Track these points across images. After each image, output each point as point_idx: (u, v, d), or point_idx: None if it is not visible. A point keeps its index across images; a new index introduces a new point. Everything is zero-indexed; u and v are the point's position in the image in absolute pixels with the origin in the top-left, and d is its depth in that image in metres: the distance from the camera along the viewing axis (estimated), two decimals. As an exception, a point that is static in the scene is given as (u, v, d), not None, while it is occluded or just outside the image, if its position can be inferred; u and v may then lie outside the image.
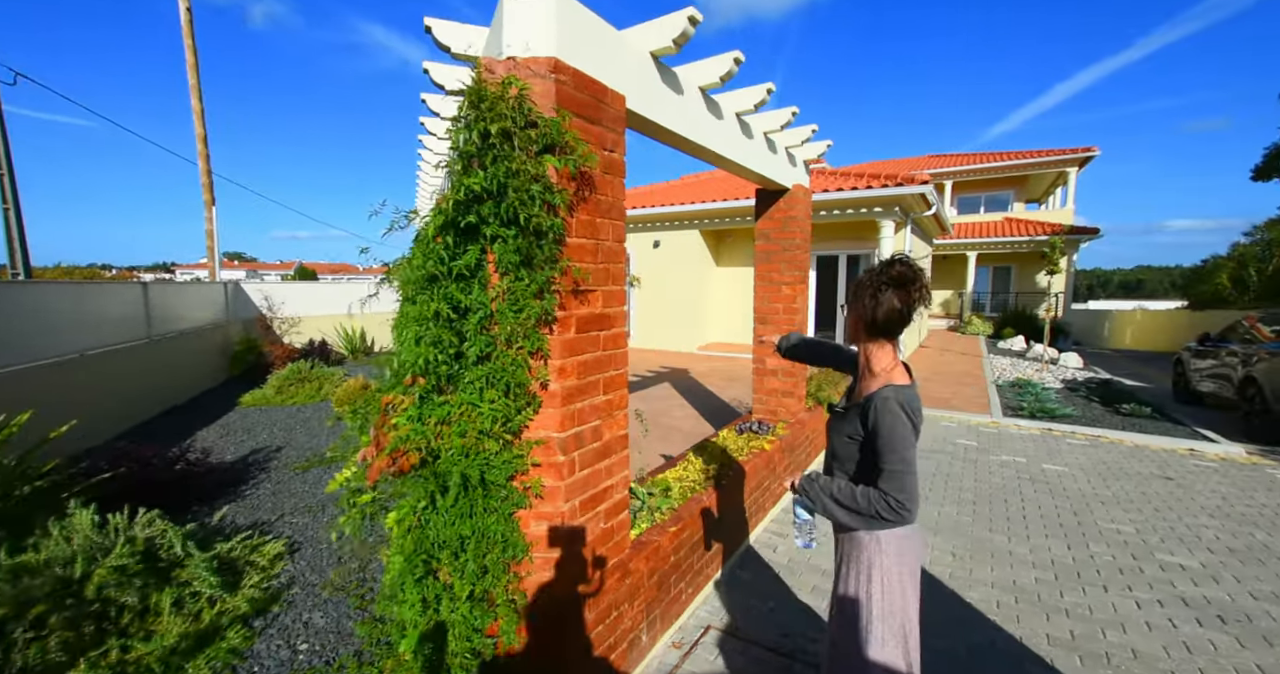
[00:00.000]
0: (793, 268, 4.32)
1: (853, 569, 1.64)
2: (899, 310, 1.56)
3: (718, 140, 3.00)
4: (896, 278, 1.56)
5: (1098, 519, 3.98)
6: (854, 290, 1.64)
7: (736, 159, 3.28)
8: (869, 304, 1.58)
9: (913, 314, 1.58)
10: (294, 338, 9.96)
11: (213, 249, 9.20)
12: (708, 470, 3.22)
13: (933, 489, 4.55)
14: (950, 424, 6.80)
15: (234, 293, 9.08)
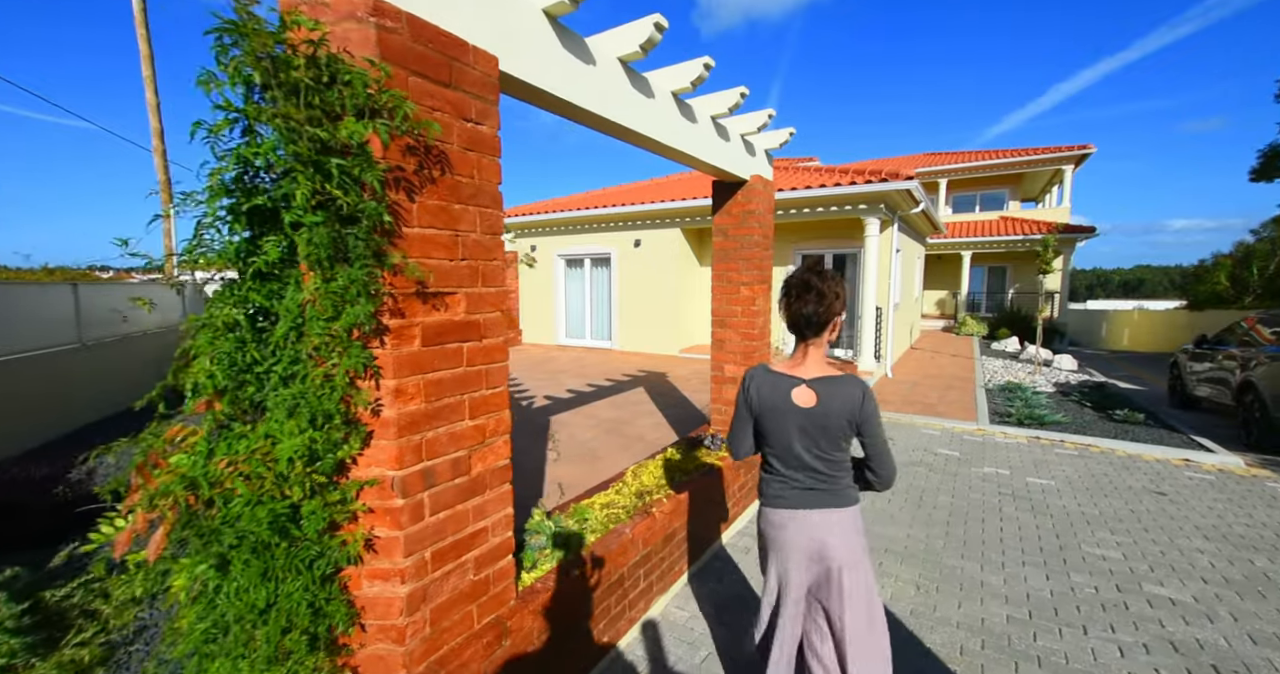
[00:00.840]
0: (752, 267, 3.98)
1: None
2: (786, 313, 1.78)
3: (646, 121, 2.65)
4: (783, 286, 1.79)
5: (1082, 542, 3.64)
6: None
7: (673, 144, 2.93)
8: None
9: (801, 316, 1.72)
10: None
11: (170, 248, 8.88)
12: (644, 494, 2.88)
13: (903, 508, 4.21)
14: (933, 432, 6.46)
15: (194, 295, 8.74)
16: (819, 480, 1.74)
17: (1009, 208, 22.68)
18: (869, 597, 1.69)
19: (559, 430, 5.95)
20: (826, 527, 1.71)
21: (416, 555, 1.49)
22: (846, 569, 1.67)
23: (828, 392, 1.71)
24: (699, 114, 3.15)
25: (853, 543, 1.71)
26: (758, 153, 4.01)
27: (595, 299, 12.76)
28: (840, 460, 1.76)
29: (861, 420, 1.72)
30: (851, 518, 1.73)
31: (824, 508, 1.72)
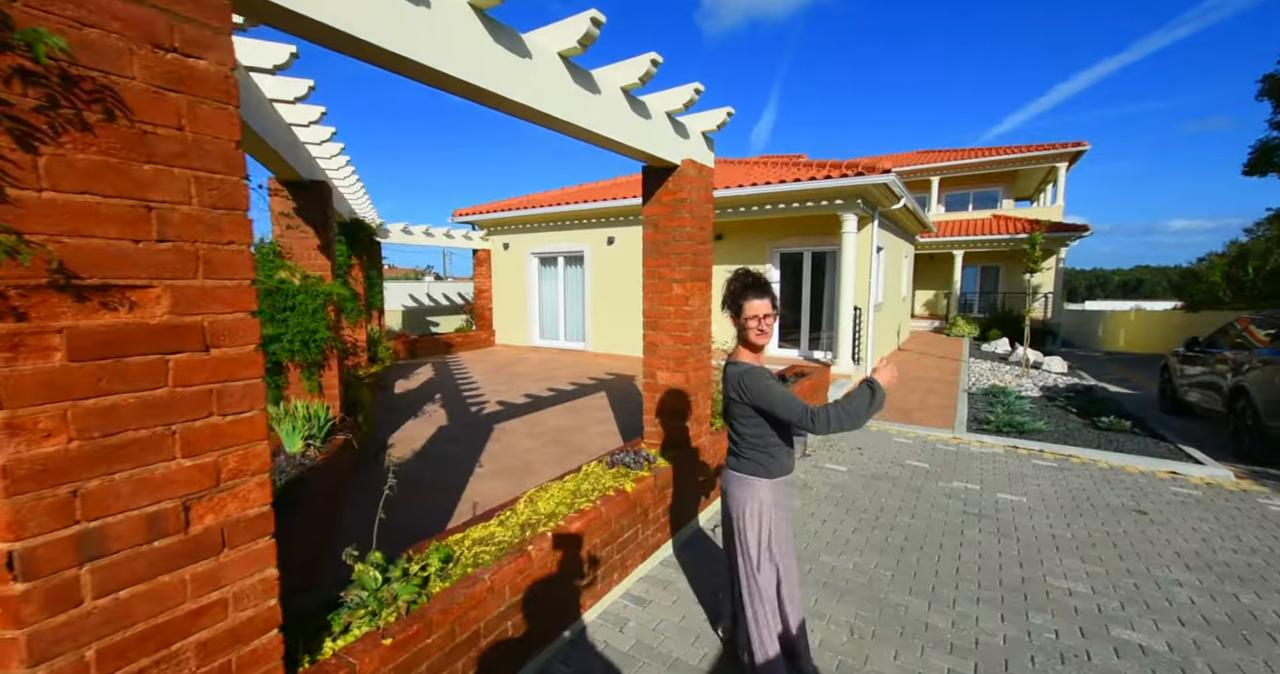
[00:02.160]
0: (685, 262, 3.57)
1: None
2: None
3: (515, 85, 2.24)
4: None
5: (1048, 573, 3.22)
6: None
7: (567, 118, 2.53)
8: None
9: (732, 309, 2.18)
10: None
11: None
12: (532, 525, 2.46)
13: (858, 530, 3.80)
14: (905, 440, 6.05)
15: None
16: (735, 447, 2.25)
17: (1002, 206, 22.29)
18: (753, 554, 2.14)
19: (501, 439, 5.54)
20: (736, 486, 2.21)
21: (64, 659, 1.07)
22: (736, 521, 2.20)
23: (727, 372, 2.22)
24: (604, 85, 2.73)
25: (743, 503, 2.17)
26: (692, 135, 3.60)
27: (569, 299, 12.35)
28: (741, 433, 2.19)
29: (744, 392, 2.11)
30: (757, 485, 2.16)
31: (735, 472, 2.24)
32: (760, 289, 2.17)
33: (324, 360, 4.06)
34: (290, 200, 3.84)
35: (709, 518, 3.92)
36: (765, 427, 2.13)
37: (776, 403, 2.02)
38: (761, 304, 2.15)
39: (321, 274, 4.03)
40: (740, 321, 2.16)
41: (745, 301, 2.14)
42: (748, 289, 2.15)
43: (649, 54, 2.70)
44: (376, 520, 2.06)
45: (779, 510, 2.18)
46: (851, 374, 8.88)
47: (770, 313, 2.16)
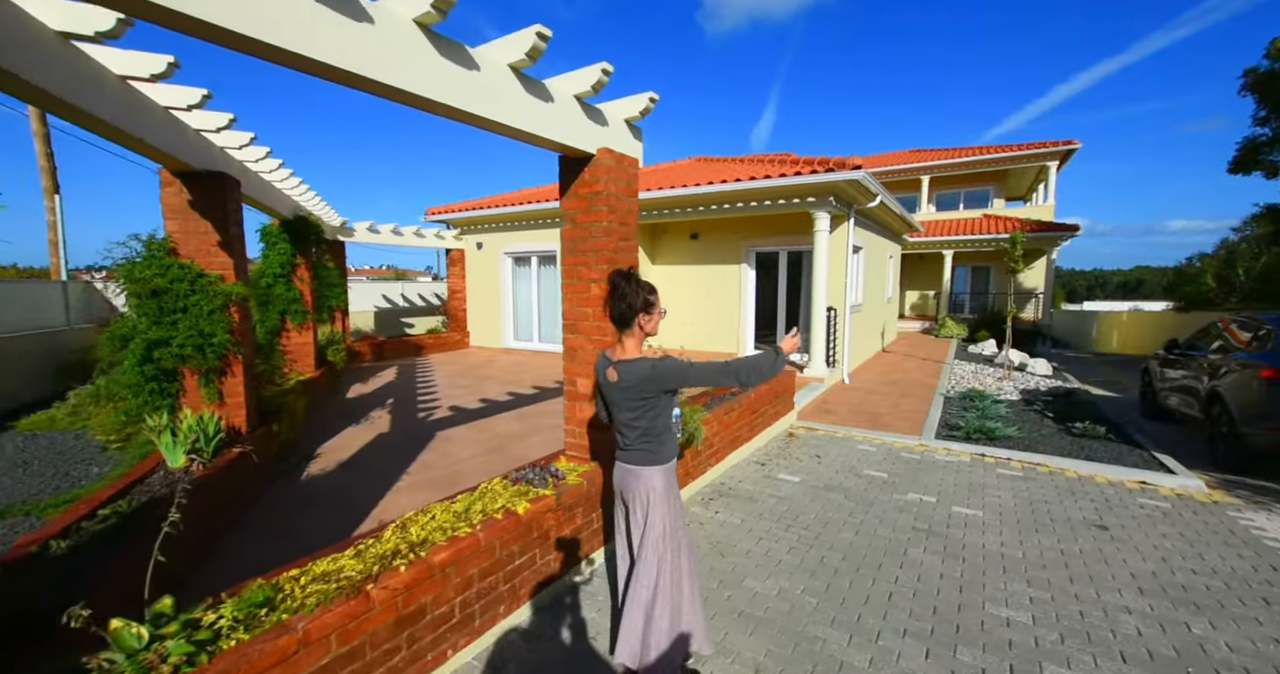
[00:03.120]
0: (603, 261, 3.30)
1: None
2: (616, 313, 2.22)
3: (360, 57, 1.97)
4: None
5: (989, 599, 2.96)
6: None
7: (441, 99, 2.26)
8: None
9: (614, 313, 2.20)
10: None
11: (56, 243, 8.17)
12: (393, 555, 2.19)
13: (794, 549, 3.53)
14: (868, 448, 5.78)
15: (84, 295, 8.04)
16: (626, 440, 2.24)
17: (993, 206, 22.06)
18: (658, 544, 2.16)
19: (440, 447, 5.27)
20: (628, 480, 2.23)
21: None
22: (638, 512, 2.21)
23: (626, 370, 2.15)
24: (485, 62, 2.46)
25: (643, 495, 2.19)
26: (611, 122, 3.33)
27: (544, 300, 12.09)
28: (640, 427, 2.19)
29: (660, 379, 2.12)
30: (650, 475, 2.19)
31: (628, 465, 2.24)
32: (654, 288, 2.27)
33: (224, 366, 3.79)
34: (185, 193, 3.57)
35: (636, 535, 3.65)
36: (658, 414, 2.19)
37: (708, 375, 2.14)
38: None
39: (222, 273, 3.76)
40: (654, 319, 2.23)
41: (656, 298, 2.23)
42: (653, 289, 2.24)
43: (534, 27, 2.43)
44: (152, 561, 1.78)
45: (671, 497, 2.22)
46: (824, 378, 8.62)
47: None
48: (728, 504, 4.25)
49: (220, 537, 3.30)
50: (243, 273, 3.92)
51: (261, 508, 3.74)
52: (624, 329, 2.21)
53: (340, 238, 10.12)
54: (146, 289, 3.34)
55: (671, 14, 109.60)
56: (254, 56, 1.88)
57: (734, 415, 5.15)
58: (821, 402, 7.88)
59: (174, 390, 3.60)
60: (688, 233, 10.89)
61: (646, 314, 2.19)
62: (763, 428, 5.89)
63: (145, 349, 3.32)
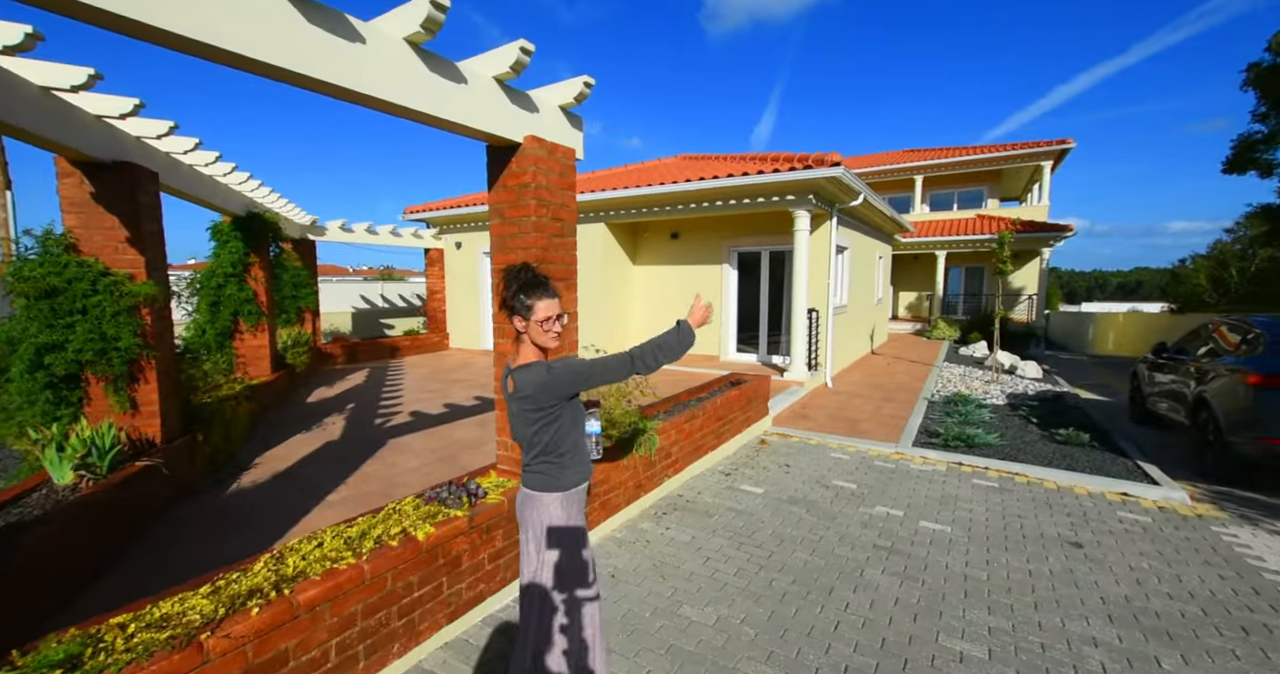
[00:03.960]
0: (534, 259, 3.05)
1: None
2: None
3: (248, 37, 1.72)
4: None
5: (945, 629, 2.71)
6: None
7: (310, 73, 2.00)
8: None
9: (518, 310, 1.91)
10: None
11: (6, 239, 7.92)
12: (257, 590, 1.93)
13: (743, 570, 3.27)
14: (842, 457, 5.53)
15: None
16: (525, 459, 1.98)
17: (987, 206, 21.84)
18: (551, 585, 1.90)
19: (388, 456, 5.01)
20: (520, 501, 2.00)
21: None
22: (530, 543, 1.95)
23: (520, 378, 1.89)
24: (374, 35, 2.21)
25: (537, 525, 1.93)
26: (542, 109, 3.08)
27: (524, 300, 11.82)
28: (535, 442, 1.92)
29: (556, 385, 1.85)
30: (548, 502, 1.93)
31: (524, 486, 1.99)
32: (546, 287, 1.96)
33: (135, 373, 3.52)
34: (87, 184, 3.31)
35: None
36: (561, 429, 1.93)
37: (609, 370, 1.92)
38: (552, 304, 1.94)
39: (132, 272, 3.50)
40: (530, 324, 1.90)
41: (536, 301, 1.90)
42: (534, 287, 1.93)
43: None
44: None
45: (570, 530, 1.94)
46: (805, 381, 8.37)
47: (561, 313, 1.96)
48: (681, 519, 4.00)
49: (117, 561, 3.03)
50: (158, 271, 3.66)
51: (169, 527, 3.47)
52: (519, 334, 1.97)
53: (310, 237, 9.86)
54: (38, 289, 3.07)
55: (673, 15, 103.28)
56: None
57: (697, 422, 4.89)
58: (800, 406, 7.63)
59: (76, 399, 3.34)
60: (668, 232, 10.65)
61: (519, 318, 1.91)
62: (731, 435, 5.63)
63: (35, 354, 3.07)
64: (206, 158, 4.71)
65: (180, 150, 4.22)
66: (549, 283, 1.96)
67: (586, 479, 2.02)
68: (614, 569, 3.27)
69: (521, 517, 1.98)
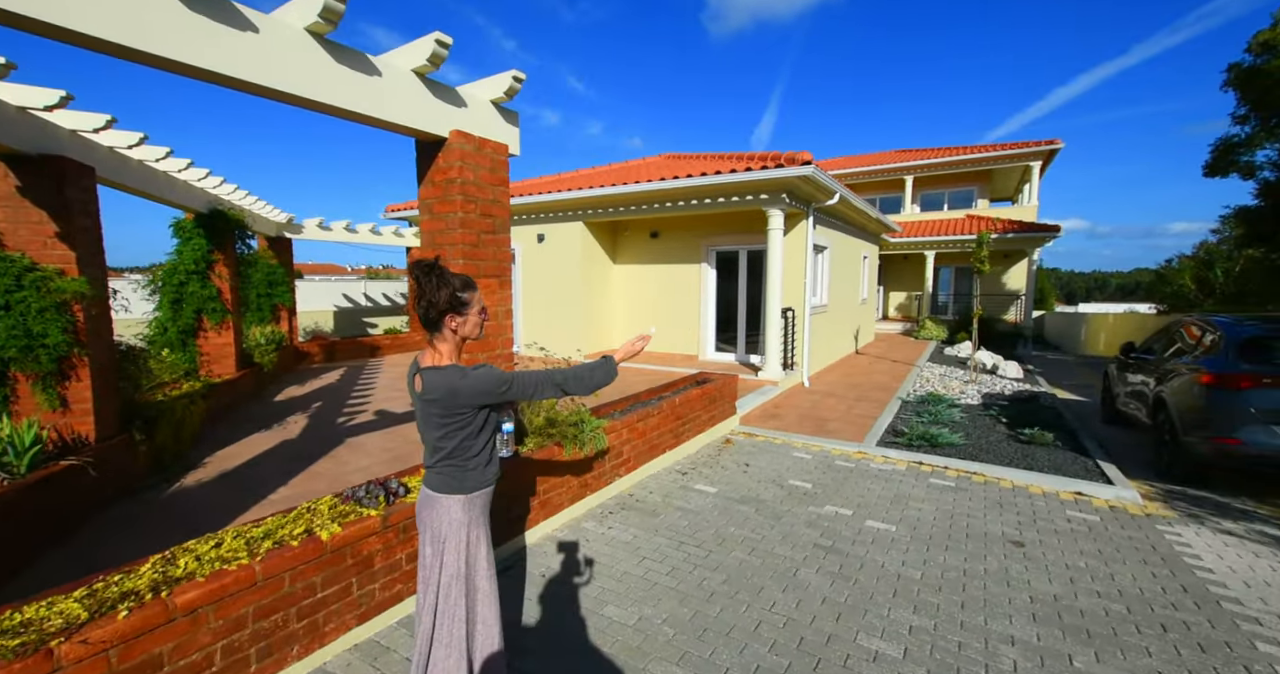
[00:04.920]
0: (459, 255, 3.03)
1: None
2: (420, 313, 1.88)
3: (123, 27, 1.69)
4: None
5: (866, 628, 2.68)
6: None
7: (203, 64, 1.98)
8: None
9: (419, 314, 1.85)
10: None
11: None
12: (131, 592, 1.89)
13: (675, 570, 3.25)
14: (804, 456, 5.51)
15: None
16: (429, 461, 1.93)
17: (978, 206, 21.83)
18: (447, 588, 1.84)
19: (342, 455, 4.98)
20: (421, 502, 1.94)
21: None
22: (428, 546, 1.89)
23: (431, 379, 1.81)
24: (270, 25, 2.18)
25: (437, 527, 1.88)
26: (470, 104, 3.06)
27: (504, 299, 11.79)
28: (440, 446, 1.87)
29: (470, 393, 1.80)
30: (449, 504, 1.87)
31: (425, 487, 1.93)
32: (471, 281, 1.95)
33: (66, 370, 3.49)
34: (12, 177, 3.27)
35: (508, 555, 3.36)
36: (471, 434, 1.88)
37: (528, 386, 1.87)
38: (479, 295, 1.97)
39: (62, 267, 3.46)
40: (469, 320, 1.90)
41: (472, 295, 1.91)
42: (469, 284, 1.92)
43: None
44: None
45: (471, 533, 1.90)
46: (779, 381, 8.34)
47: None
48: (626, 518, 3.97)
49: (34, 562, 3.00)
50: (92, 268, 3.62)
51: (102, 528, 3.44)
52: (433, 332, 1.88)
53: (287, 234, 9.82)
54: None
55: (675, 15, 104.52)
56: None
57: (652, 422, 4.86)
58: (772, 406, 7.61)
59: (1, 397, 3.31)
60: (648, 231, 10.62)
61: (457, 314, 1.86)
62: (692, 435, 5.60)
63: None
64: (156, 153, 4.67)
65: (125, 145, 4.18)
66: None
67: (494, 482, 1.97)
68: (546, 569, 3.24)
69: (421, 518, 1.93)
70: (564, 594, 2.98)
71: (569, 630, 2.66)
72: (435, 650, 1.83)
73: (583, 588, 3.05)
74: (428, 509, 1.90)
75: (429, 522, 1.89)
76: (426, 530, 1.90)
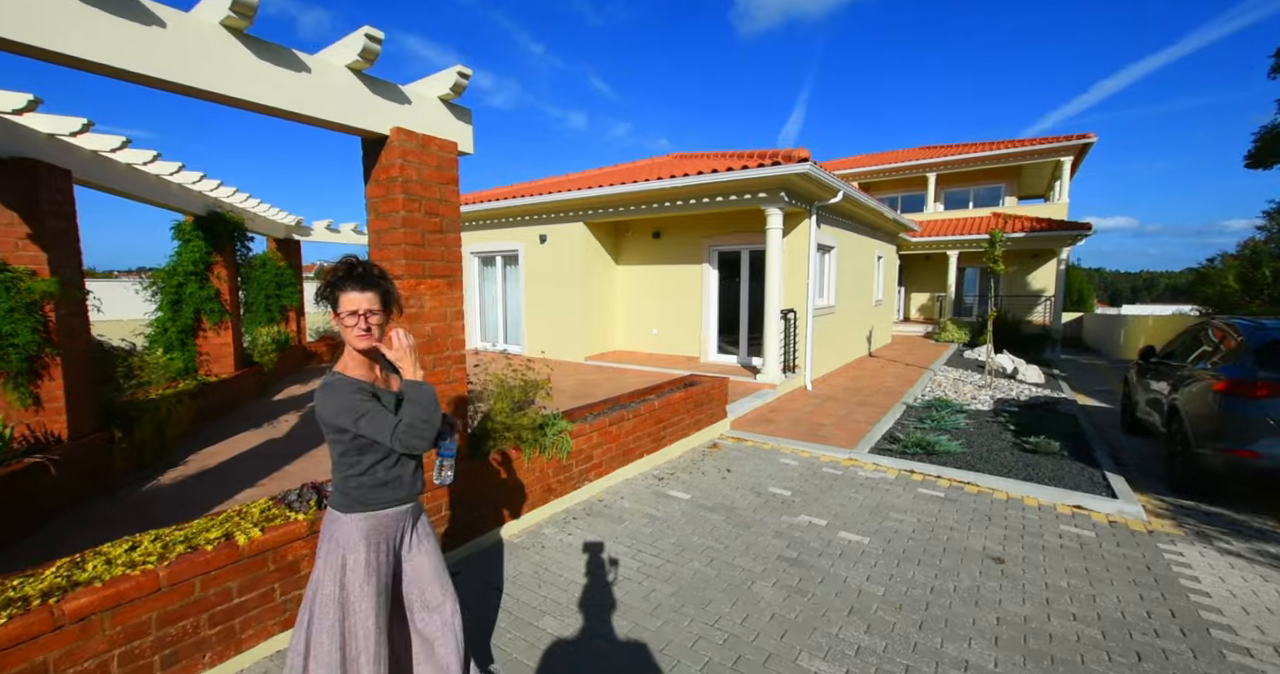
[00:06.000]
0: (402, 255, 2.99)
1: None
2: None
3: None
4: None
5: (810, 648, 2.52)
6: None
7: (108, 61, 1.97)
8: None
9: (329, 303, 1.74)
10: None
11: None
12: (20, 598, 1.89)
13: (626, 581, 3.13)
14: (790, 462, 5.33)
15: None
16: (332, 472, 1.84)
17: (1005, 204, 21.07)
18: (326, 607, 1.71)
19: (320, 455, 5.01)
20: (326, 524, 1.81)
21: None
22: (323, 565, 1.76)
23: (318, 392, 1.74)
24: (180, 21, 2.16)
25: (323, 542, 1.79)
26: (415, 101, 3.02)
27: (508, 300, 11.84)
28: (332, 458, 1.79)
29: (322, 416, 1.71)
30: (346, 523, 1.76)
31: (330, 506, 1.83)
32: (363, 280, 1.74)
33: (39, 369, 3.57)
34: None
35: (455, 562, 3.30)
36: (351, 451, 1.74)
37: (371, 427, 1.67)
38: (362, 298, 1.73)
39: (34, 269, 3.55)
40: (337, 319, 1.75)
41: (341, 294, 1.72)
42: (345, 280, 1.73)
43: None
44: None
45: (352, 553, 1.73)
46: (777, 384, 8.13)
47: (377, 310, 1.76)
48: (589, 525, 3.87)
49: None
50: (65, 269, 3.71)
51: (67, 524, 3.51)
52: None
53: (295, 237, 10.03)
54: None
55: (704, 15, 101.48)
56: None
57: (627, 425, 4.76)
58: (768, 410, 7.41)
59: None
60: (650, 231, 10.51)
61: (333, 311, 1.74)
62: (675, 439, 5.47)
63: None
64: (144, 156, 4.78)
65: (108, 149, 4.28)
66: (378, 279, 1.76)
67: (379, 507, 1.77)
68: (491, 578, 3.16)
69: (321, 533, 1.81)
70: (505, 604, 2.90)
71: (499, 643, 2.57)
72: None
73: (525, 598, 2.96)
74: (326, 524, 1.81)
75: (324, 536, 1.79)
76: (321, 545, 1.79)
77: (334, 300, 1.73)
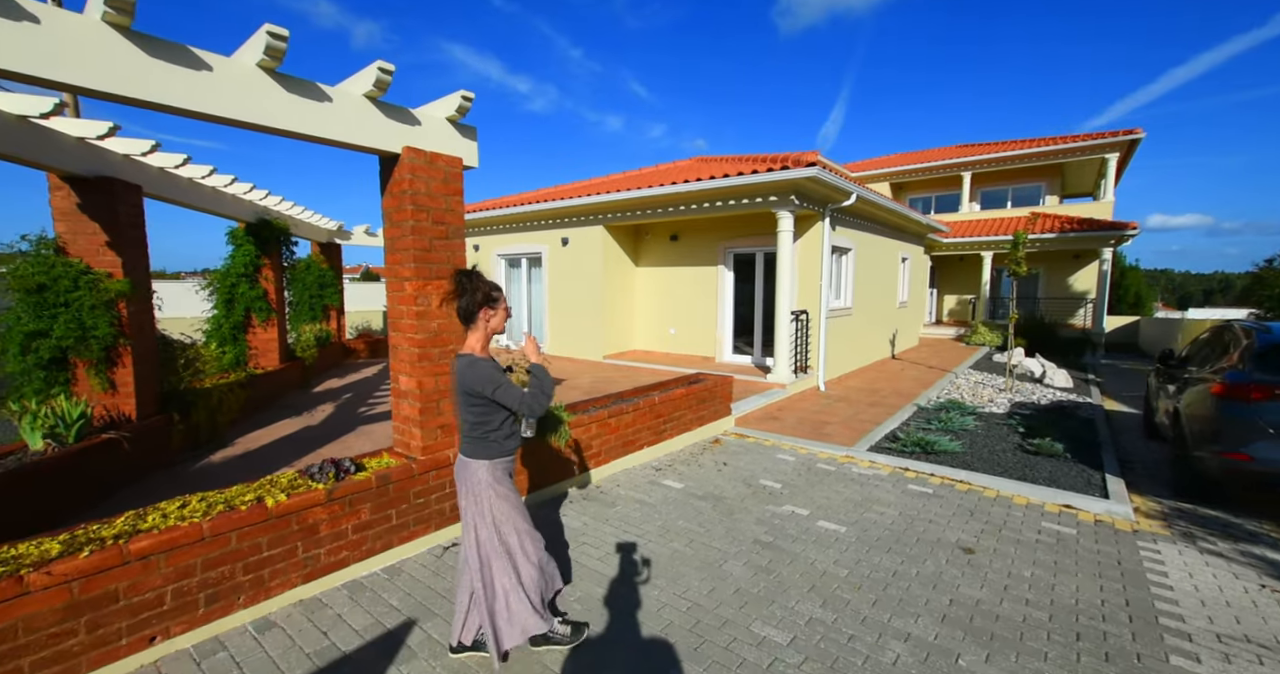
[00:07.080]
0: (411, 260, 3.37)
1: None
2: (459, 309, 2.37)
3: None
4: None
5: (764, 617, 2.76)
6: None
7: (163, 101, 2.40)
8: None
9: (458, 310, 2.38)
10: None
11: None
12: (95, 539, 2.33)
13: (608, 556, 3.43)
14: (787, 458, 5.52)
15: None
16: (461, 432, 2.41)
17: (1045, 203, 20.37)
18: (484, 533, 2.34)
19: (350, 441, 5.51)
20: (460, 469, 2.39)
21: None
22: (466, 499, 2.36)
23: (459, 366, 2.31)
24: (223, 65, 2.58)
25: (471, 485, 2.34)
26: (425, 122, 3.41)
27: (534, 300, 12.32)
28: (472, 421, 2.34)
29: (469, 387, 2.28)
30: (476, 467, 2.35)
31: (463, 455, 2.40)
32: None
33: (114, 358, 4.14)
34: (74, 196, 3.95)
35: (447, 540, 3.65)
36: (485, 411, 2.31)
37: (508, 397, 2.28)
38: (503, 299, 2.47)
39: (110, 271, 4.12)
40: (499, 314, 2.40)
41: (500, 294, 2.41)
42: (494, 286, 2.40)
43: (265, 26, 2.53)
44: None
45: (499, 487, 2.37)
46: (787, 384, 8.28)
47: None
48: (582, 508, 4.19)
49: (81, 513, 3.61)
50: (136, 271, 4.28)
51: (137, 490, 4.06)
52: (467, 326, 2.37)
53: (337, 241, 10.75)
54: (30, 285, 3.73)
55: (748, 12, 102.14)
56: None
57: (627, 418, 5.06)
58: (775, 408, 7.58)
59: (64, 379, 3.99)
60: (668, 234, 10.79)
61: (490, 309, 2.35)
62: (676, 433, 5.74)
63: (24, 340, 3.72)
64: (201, 171, 5.38)
65: (172, 165, 4.86)
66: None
67: (509, 453, 2.42)
68: (490, 547, 3.51)
69: (460, 478, 2.38)
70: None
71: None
72: (493, 587, 2.33)
73: (517, 566, 3.29)
74: (462, 470, 2.37)
75: (465, 480, 2.36)
76: (464, 487, 2.37)
77: (495, 300, 2.38)
